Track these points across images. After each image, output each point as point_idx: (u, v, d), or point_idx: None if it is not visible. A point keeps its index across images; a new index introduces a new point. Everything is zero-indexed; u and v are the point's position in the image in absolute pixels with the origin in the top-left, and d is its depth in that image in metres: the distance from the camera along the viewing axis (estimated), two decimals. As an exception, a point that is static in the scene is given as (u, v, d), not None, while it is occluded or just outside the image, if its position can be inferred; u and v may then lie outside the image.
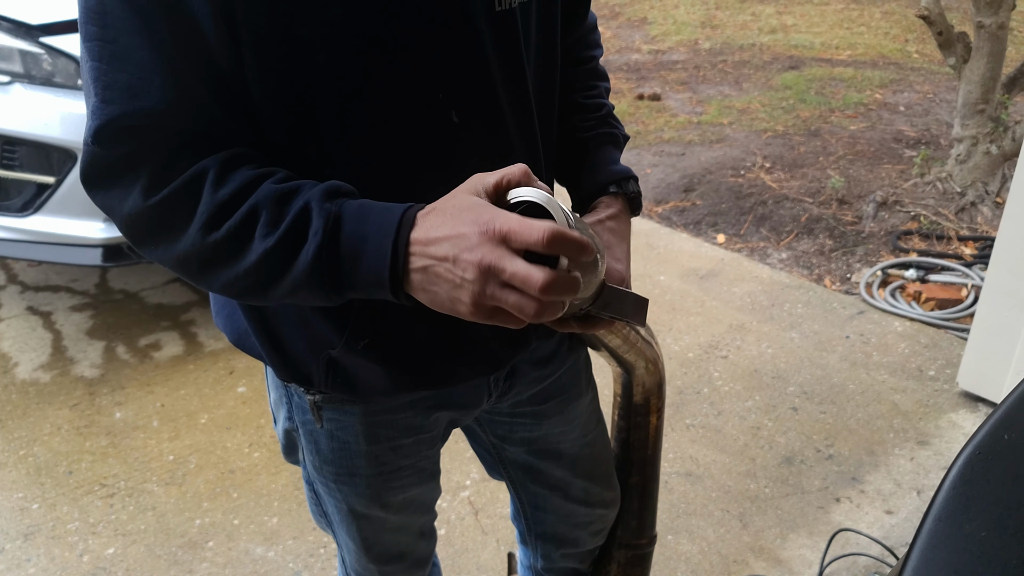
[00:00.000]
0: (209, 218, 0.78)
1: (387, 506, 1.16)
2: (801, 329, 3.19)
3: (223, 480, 2.43)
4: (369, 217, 0.76)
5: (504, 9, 0.89)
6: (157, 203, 0.79)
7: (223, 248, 0.78)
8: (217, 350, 3.05)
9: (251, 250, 0.78)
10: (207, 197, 0.78)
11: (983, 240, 3.71)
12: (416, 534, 1.26)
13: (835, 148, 4.92)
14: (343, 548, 1.28)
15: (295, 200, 0.78)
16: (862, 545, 2.19)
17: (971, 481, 0.61)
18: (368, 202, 0.79)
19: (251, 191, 0.79)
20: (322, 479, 1.15)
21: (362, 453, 1.09)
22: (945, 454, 2.52)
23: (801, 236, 3.91)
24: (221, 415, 2.71)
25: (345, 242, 0.76)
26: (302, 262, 0.76)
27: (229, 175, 0.79)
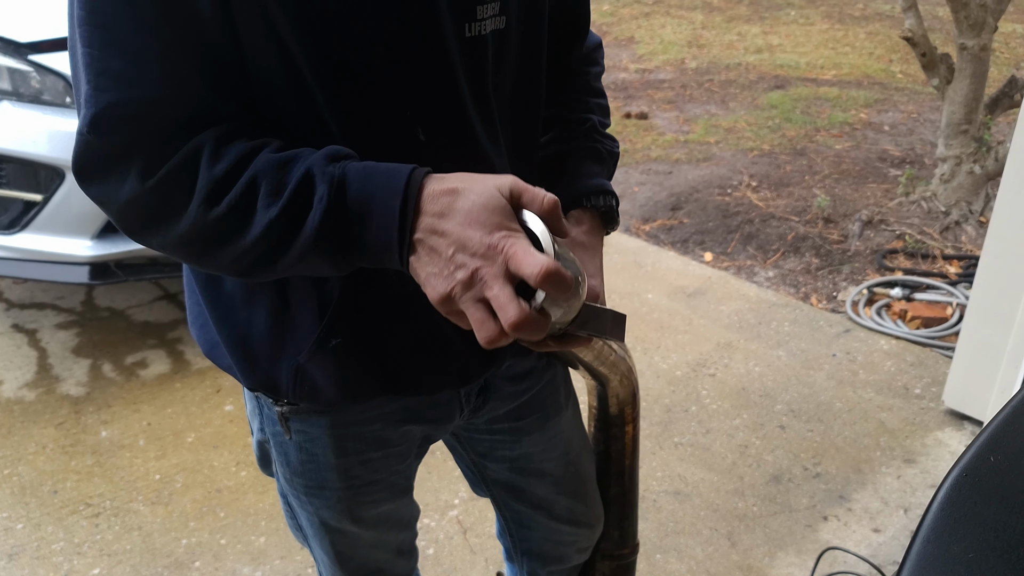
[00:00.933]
0: (208, 193, 0.76)
1: (359, 521, 1.15)
2: (788, 347, 3.21)
3: (210, 499, 2.42)
4: (374, 177, 0.75)
5: (474, 35, 0.90)
6: (155, 184, 0.77)
7: (225, 223, 0.77)
8: (204, 368, 3.04)
9: (255, 222, 0.76)
10: (204, 172, 0.77)
11: (967, 259, 3.74)
12: (393, 551, 1.26)
13: (821, 167, 4.96)
14: (319, 563, 1.27)
15: (295, 166, 0.77)
16: (850, 563, 2.20)
17: (958, 503, 0.61)
18: (372, 163, 0.78)
19: (248, 162, 0.77)
20: (294, 492, 1.14)
21: (331, 466, 1.09)
22: (931, 472, 2.54)
23: (788, 255, 3.94)
24: (208, 434, 2.70)
25: (352, 204, 0.75)
26: (309, 227, 0.75)
27: (224, 149, 0.78)
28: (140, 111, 0.77)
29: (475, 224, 0.70)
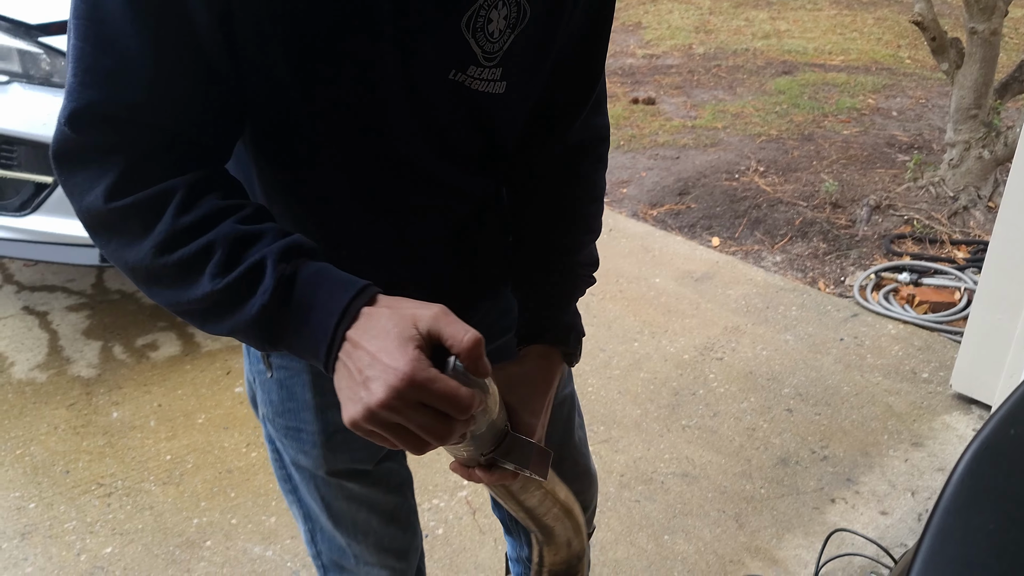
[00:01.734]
0: (164, 240, 0.76)
1: (336, 473, 1.14)
2: (795, 331, 3.21)
3: (221, 480, 2.43)
4: (321, 287, 0.76)
5: (455, 80, 0.90)
6: (117, 209, 0.76)
7: (171, 274, 0.77)
8: (214, 350, 3.05)
9: (198, 285, 0.76)
10: (168, 219, 0.76)
11: (976, 244, 3.74)
12: (384, 515, 1.23)
13: (828, 152, 4.95)
14: (311, 520, 1.24)
15: (253, 249, 0.76)
16: (857, 545, 2.21)
17: (979, 475, 0.62)
18: (325, 269, 0.77)
19: (213, 224, 0.77)
20: (277, 433, 1.14)
21: (309, 406, 1.09)
22: (939, 456, 2.54)
23: (795, 239, 3.94)
24: (219, 415, 2.71)
25: (293, 307, 0.75)
26: (245, 313, 0.75)
27: (196, 201, 0.77)
28: (121, 113, 0.76)
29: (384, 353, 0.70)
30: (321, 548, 1.27)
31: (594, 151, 1.13)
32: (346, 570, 1.28)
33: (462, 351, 0.70)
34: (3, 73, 2.68)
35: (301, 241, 0.78)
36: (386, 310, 0.73)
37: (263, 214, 0.81)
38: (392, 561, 1.27)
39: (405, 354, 0.68)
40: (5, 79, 2.68)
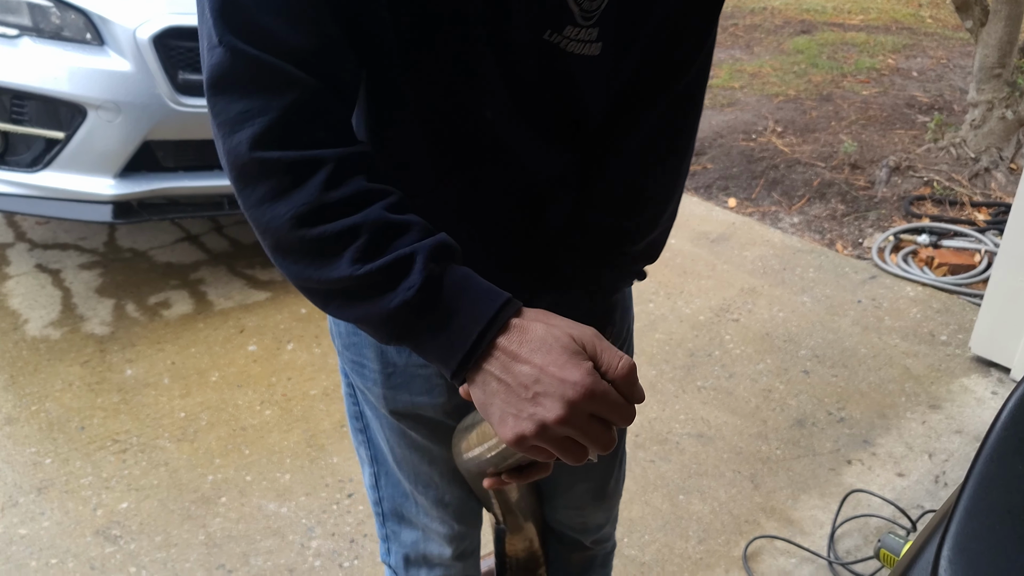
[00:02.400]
0: (307, 212, 0.73)
1: (396, 414, 1.12)
2: (813, 293, 3.18)
3: (235, 437, 2.43)
4: (467, 293, 0.74)
5: (549, 41, 0.86)
6: (260, 161, 0.74)
7: (307, 249, 0.74)
8: (227, 309, 3.05)
9: (334, 266, 0.73)
10: (313, 189, 0.73)
11: (997, 206, 3.68)
12: (448, 472, 1.19)
13: (847, 113, 4.88)
14: (375, 462, 1.23)
15: (401, 240, 0.74)
16: (874, 507, 2.19)
17: (1022, 422, 0.60)
18: (471, 276, 0.76)
19: (361, 205, 0.74)
20: (347, 367, 1.14)
21: (369, 343, 1.08)
22: (956, 418, 2.52)
23: (813, 201, 3.89)
24: (232, 373, 2.71)
25: (436, 309, 0.73)
26: (381, 306, 0.73)
27: (345, 178, 0.75)
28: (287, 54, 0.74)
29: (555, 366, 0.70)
30: (384, 494, 1.26)
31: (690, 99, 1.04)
32: (406, 519, 1.26)
33: (617, 377, 0.70)
34: (13, 27, 2.65)
35: (449, 242, 0.76)
36: (541, 324, 0.72)
37: (406, 204, 0.78)
38: (452, 521, 1.25)
39: (579, 367, 0.68)
40: (15, 33, 2.65)
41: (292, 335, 2.91)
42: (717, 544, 2.10)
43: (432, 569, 1.30)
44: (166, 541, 2.09)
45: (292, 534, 2.12)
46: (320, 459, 2.35)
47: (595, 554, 1.48)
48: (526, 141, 0.94)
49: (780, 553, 2.07)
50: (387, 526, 1.30)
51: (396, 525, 1.29)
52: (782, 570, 2.03)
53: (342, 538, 2.10)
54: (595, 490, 1.34)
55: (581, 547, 1.44)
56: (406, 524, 1.28)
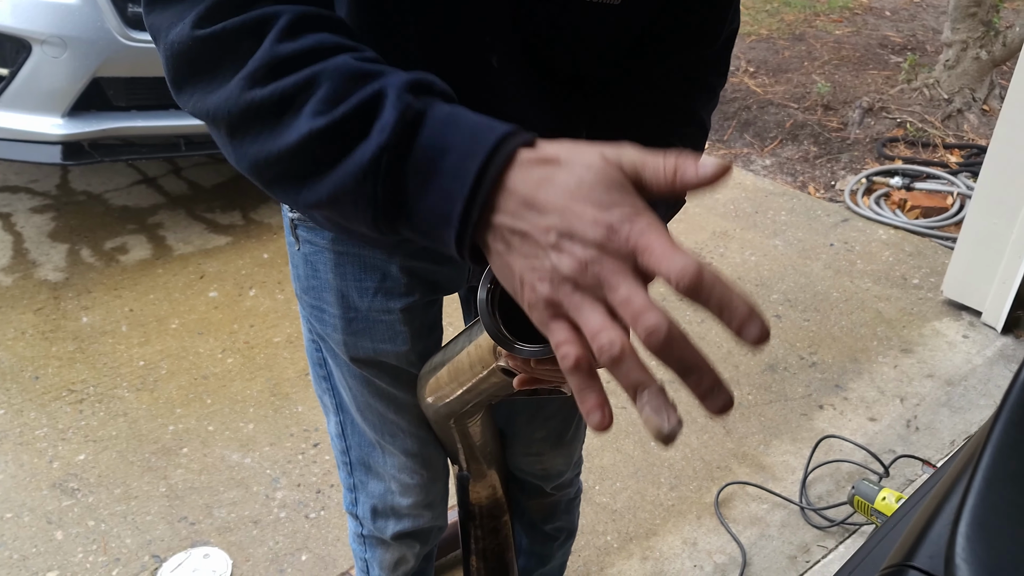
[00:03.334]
0: (257, 70, 0.60)
1: (357, 361, 1.07)
2: (785, 236, 3.14)
3: (196, 386, 2.37)
4: (458, 125, 0.56)
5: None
6: (206, 37, 0.62)
7: (261, 111, 0.60)
8: (187, 254, 2.95)
9: (293, 126, 0.59)
10: (266, 46, 0.60)
11: (969, 148, 3.65)
12: (415, 418, 1.14)
13: (820, 53, 4.81)
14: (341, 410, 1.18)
15: (370, 84, 0.58)
16: (845, 452, 2.19)
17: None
18: (461, 109, 0.58)
19: (321, 57, 0.60)
20: (307, 311, 1.09)
21: (330, 286, 1.03)
22: (928, 362, 2.51)
23: (785, 142, 3.83)
24: (192, 320, 2.63)
25: (419, 149, 0.56)
26: (355, 161, 0.57)
27: (302, 31, 0.61)
28: None
29: (585, 200, 0.51)
30: (351, 442, 1.21)
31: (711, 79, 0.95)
32: (373, 470, 1.22)
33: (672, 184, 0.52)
34: (-52, -46, 2.49)
35: (432, 79, 0.60)
36: (564, 152, 0.54)
37: (382, 63, 0.63)
38: (420, 469, 1.21)
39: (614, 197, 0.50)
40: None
41: (254, 281, 2.83)
42: (689, 491, 2.08)
43: (400, 520, 1.27)
44: (126, 494, 2.03)
45: (256, 485, 2.06)
46: (284, 408, 2.29)
47: (557, 500, 1.45)
48: (530, 92, 0.87)
49: (752, 499, 2.06)
50: (355, 476, 1.25)
51: (364, 475, 1.24)
52: (754, 516, 2.01)
53: (308, 489, 2.06)
54: (554, 437, 1.30)
55: (542, 493, 1.41)
56: (373, 475, 1.23)
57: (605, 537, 1.96)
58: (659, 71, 0.91)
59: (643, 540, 1.95)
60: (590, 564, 1.90)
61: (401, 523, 1.27)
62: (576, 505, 1.53)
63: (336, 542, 1.92)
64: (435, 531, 1.33)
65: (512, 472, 1.40)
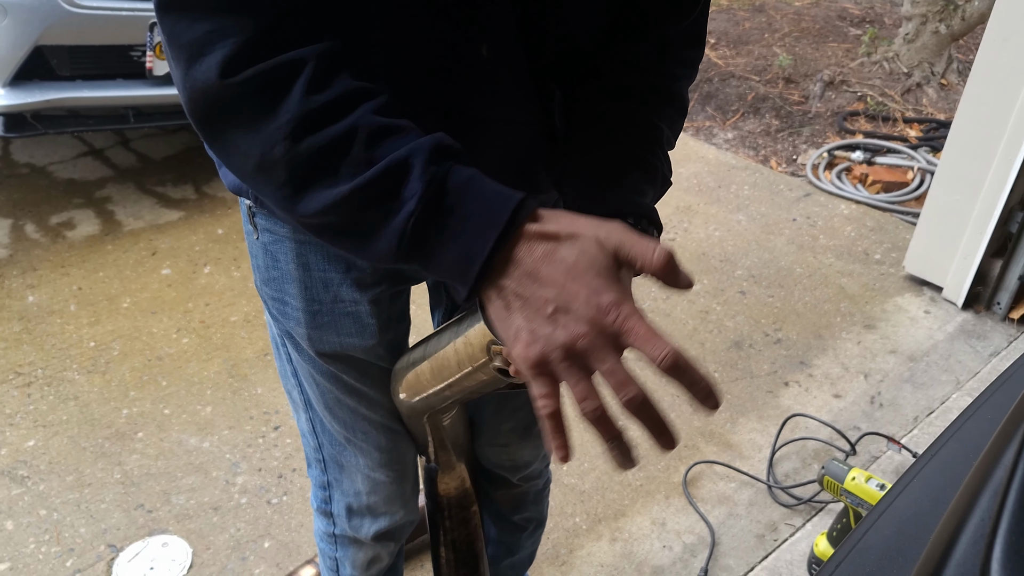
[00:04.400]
0: (298, 124, 0.64)
1: (324, 356, 1.03)
2: (748, 211, 3.13)
3: (150, 368, 2.29)
4: (478, 195, 0.63)
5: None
6: (236, 84, 0.64)
7: (310, 165, 0.65)
8: (137, 229, 2.85)
9: (335, 184, 0.64)
10: (299, 96, 0.64)
11: (929, 122, 3.67)
12: (387, 413, 1.10)
13: (780, 25, 4.79)
14: (309, 407, 1.14)
15: (395, 141, 0.64)
16: (811, 429, 2.19)
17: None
18: (476, 176, 0.65)
19: (351, 107, 0.65)
20: (268, 303, 1.04)
21: (292, 278, 0.98)
22: (891, 337, 2.52)
23: (747, 116, 3.82)
24: (145, 299, 2.54)
25: (442, 215, 0.64)
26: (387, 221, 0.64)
27: (328, 78, 0.65)
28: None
29: (579, 281, 0.60)
30: (323, 440, 1.17)
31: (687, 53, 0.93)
32: (346, 469, 1.18)
33: (656, 270, 0.61)
34: None
35: (447, 140, 0.66)
36: (565, 232, 0.62)
37: (395, 105, 0.68)
38: (395, 465, 1.17)
39: (603, 282, 0.59)
40: None
41: (208, 257, 2.74)
42: (657, 470, 2.07)
43: (377, 519, 1.23)
44: (79, 481, 1.96)
45: (216, 470, 2.00)
46: (243, 390, 2.23)
47: (525, 491, 1.43)
48: (517, 83, 0.82)
49: (720, 478, 2.05)
50: (328, 473, 1.21)
51: (338, 473, 1.20)
52: (722, 495, 2.01)
53: (269, 473, 2.00)
54: (521, 428, 1.28)
55: (509, 484, 1.39)
56: (347, 473, 1.19)
57: (574, 519, 1.94)
58: (639, 49, 0.89)
59: (612, 521, 1.94)
60: (559, 547, 1.87)
61: (377, 522, 1.23)
62: (545, 496, 1.50)
63: (300, 528, 1.87)
64: (407, 526, 1.30)
65: (479, 463, 1.37)
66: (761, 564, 1.85)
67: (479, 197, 0.63)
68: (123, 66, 2.66)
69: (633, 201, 0.80)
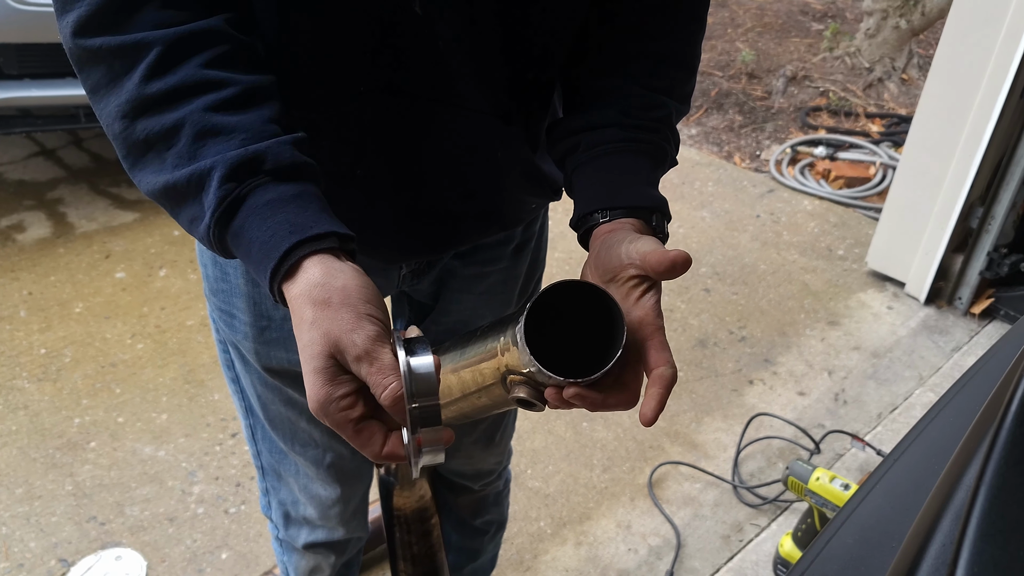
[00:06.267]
0: (130, 106, 0.65)
1: (271, 371, 0.99)
2: (712, 208, 3.12)
3: (104, 375, 2.23)
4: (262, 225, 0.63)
5: None
6: (84, 48, 0.65)
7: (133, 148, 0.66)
8: (90, 232, 2.78)
9: (161, 170, 0.65)
10: (136, 80, 0.64)
11: (890, 117, 3.68)
12: (329, 430, 1.03)
13: (743, 20, 4.79)
14: (250, 414, 1.10)
15: (214, 146, 0.64)
16: (776, 428, 2.18)
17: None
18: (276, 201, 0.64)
19: (183, 99, 0.64)
20: (215, 313, 1.00)
21: (241, 293, 0.94)
22: (855, 334, 2.52)
23: (711, 111, 3.81)
24: (98, 303, 2.48)
25: (232, 233, 0.64)
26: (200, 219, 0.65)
27: (172, 64, 0.65)
28: None
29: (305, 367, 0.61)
30: (261, 448, 1.14)
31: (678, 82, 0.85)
32: (283, 479, 1.15)
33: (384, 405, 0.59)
34: None
35: (266, 152, 0.64)
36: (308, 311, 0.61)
37: (251, 98, 0.66)
38: (334, 483, 1.13)
39: (318, 389, 0.59)
40: None
41: (164, 260, 2.68)
42: (622, 472, 2.05)
43: (314, 530, 1.20)
44: (28, 493, 1.90)
45: (172, 479, 1.95)
46: (200, 396, 2.18)
47: (485, 495, 1.41)
48: (470, 53, 0.77)
49: (685, 478, 2.04)
50: (266, 480, 1.18)
51: (276, 481, 1.17)
52: (687, 496, 1.99)
53: (227, 482, 1.96)
54: (484, 440, 1.27)
55: (470, 491, 1.37)
56: (284, 483, 1.16)
57: (538, 523, 1.91)
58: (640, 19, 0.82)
59: (577, 525, 1.91)
60: (523, 552, 1.85)
61: (314, 533, 1.20)
62: (506, 496, 1.48)
63: (258, 538, 1.83)
64: (353, 542, 1.27)
65: (440, 473, 1.34)
66: (727, 565, 1.84)
67: (265, 225, 0.63)
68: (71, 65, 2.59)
69: (646, 194, 0.75)
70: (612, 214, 0.73)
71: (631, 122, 0.78)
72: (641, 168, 0.77)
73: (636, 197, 0.74)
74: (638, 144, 0.78)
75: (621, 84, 0.80)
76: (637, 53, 0.81)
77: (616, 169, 0.77)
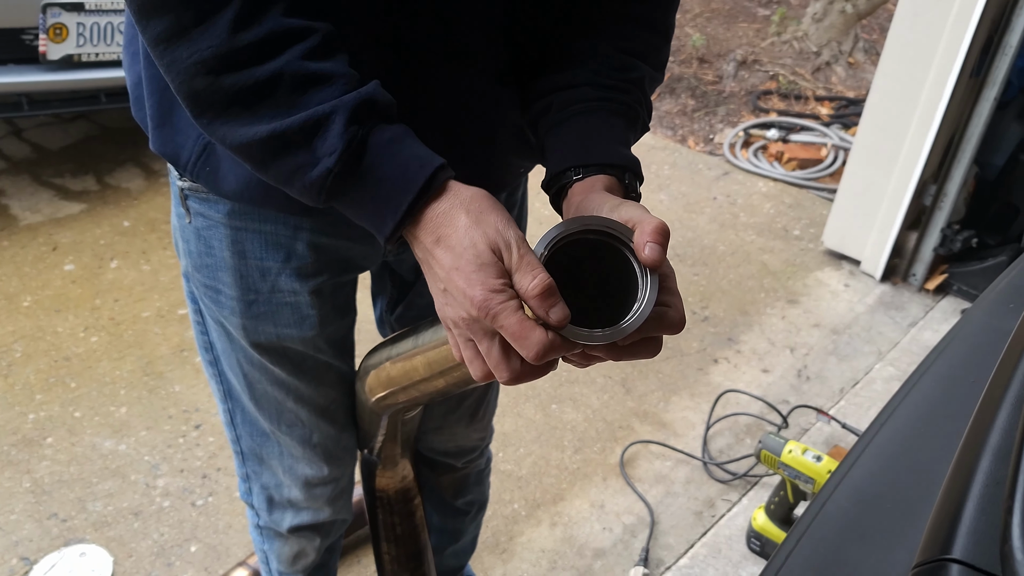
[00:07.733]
0: (214, 58, 0.63)
1: (259, 347, 0.97)
2: (670, 191, 3.14)
3: (57, 369, 2.16)
4: (395, 158, 0.65)
5: None
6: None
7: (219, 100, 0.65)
8: (35, 223, 2.69)
9: (254, 123, 0.65)
10: (221, 29, 0.63)
11: (839, 100, 3.75)
12: (316, 409, 1.06)
13: (691, 5, 4.83)
14: (229, 398, 1.07)
15: (319, 92, 0.64)
16: (742, 404, 2.20)
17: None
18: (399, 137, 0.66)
19: (277, 50, 0.64)
20: (197, 292, 0.97)
21: (227, 266, 0.92)
22: (814, 312, 2.56)
23: (664, 96, 3.83)
24: (47, 296, 2.39)
25: (360, 175, 0.65)
26: (304, 169, 0.65)
27: (257, 14, 0.64)
28: None
29: (461, 272, 0.62)
30: (241, 432, 1.10)
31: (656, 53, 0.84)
32: (265, 463, 1.12)
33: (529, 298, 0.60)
34: None
35: (375, 95, 0.66)
36: (463, 218, 0.63)
37: (331, 44, 0.67)
38: (321, 462, 1.10)
39: (482, 285, 0.61)
40: None
41: (115, 251, 2.60)
42: (593, 452, 2.05)
43: (299, 512, 1.17)
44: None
45: (134, 473, 1.90)
46: (160, 388, 2.12)
47: (468, 474, 1.41)
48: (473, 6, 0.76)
49: (656, 457, 2.05)
50: (247, 465, 1.14)
51: (257, 466, 1.14)
52: (659, 474, 2.00)
53: (192, 474, 1.91)
54: (468, 416, 1.26)
55: (452, 469, 1.36)
56: (267, 466, 1.13)
57: (512, 506, 1.90)
58: None
59: (551, 506, 1.91)
60: (499, 534, 1.84)
61: (300, 516, 1.17)
62: (486, 475, 1.48)
63: (228, 529, 1.79)
64: (338, 524, 1.24)
65: (422, 452, 1.32)
66: (701, 541, 1.85)
67: (397, 160, 0.65)
68: (14, 50, 2.49)
69: (619, 152, 0.75)
70: (586, 171, 0.73)
71: (604, 81, 0.78)
72: (615, 126, 0.77)
73: (610, 155, 0.74)
74: (611, 104, 0.78)
75: (596, 45, 0.80)
76: (615, 15, 0.81)
77: (589, 127, 0.77)
